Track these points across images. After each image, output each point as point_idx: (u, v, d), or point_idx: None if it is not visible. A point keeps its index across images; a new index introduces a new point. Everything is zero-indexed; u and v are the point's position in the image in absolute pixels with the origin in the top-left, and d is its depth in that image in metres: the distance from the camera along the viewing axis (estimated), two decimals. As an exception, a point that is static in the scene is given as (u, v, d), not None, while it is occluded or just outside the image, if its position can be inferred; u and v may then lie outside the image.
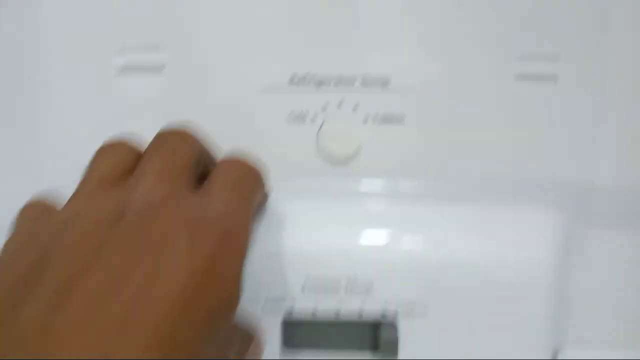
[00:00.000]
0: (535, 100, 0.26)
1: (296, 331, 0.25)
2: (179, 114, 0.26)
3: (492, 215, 0.26)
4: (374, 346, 0.25)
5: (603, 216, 0.27)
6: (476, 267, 0.25)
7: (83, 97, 0.26)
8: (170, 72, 0.26)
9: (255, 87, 0.26)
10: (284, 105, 0.26)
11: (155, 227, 0.18)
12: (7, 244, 0.19)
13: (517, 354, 0.25)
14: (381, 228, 0.26)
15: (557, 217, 0.27)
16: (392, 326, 0.24)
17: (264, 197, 0.24)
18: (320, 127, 0.26)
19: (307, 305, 0.24)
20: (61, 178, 0.26)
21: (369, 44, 0.26)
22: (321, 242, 0.25)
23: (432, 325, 0.25)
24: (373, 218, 0.26)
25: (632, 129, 0.27)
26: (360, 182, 0.26)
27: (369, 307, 0.24)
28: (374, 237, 0.25)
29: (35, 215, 0.20)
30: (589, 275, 0.27)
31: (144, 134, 0.26)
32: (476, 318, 0.25)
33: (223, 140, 0.26)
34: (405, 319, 0.25)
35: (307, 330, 0.25)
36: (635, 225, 0.27)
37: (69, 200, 0.20)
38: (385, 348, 0.24)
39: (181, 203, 0.19)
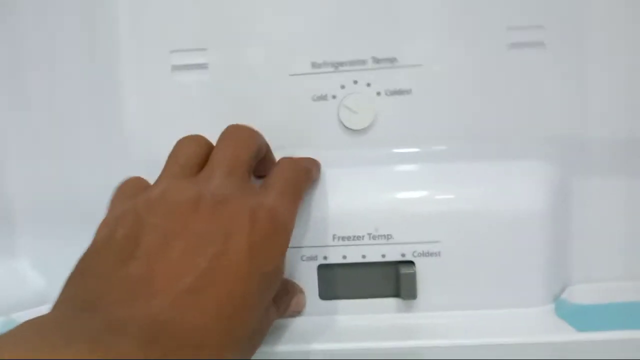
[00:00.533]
0: (528, 65, 0.30)
1: (330, 275, 0.30)
2: (222, 102, 0.31)
3: (493, 168, 0.30)
4: (397, 287, 0.30)
5: (595, 164, 0.31)
6: (481, 212, 0.29)
7: (145, 93, 0.32)
8: (213, 69, 0.31)
9: (283, 74, 0.30)
10: (309, 86, 0.30)
11: (226, 211, 0.23)
12: (108, 216, 0.24)
13: (523, 287, 0.29)
14: (396, 187, 0.30)
15: (553, 167, 0.30)
16: (410, 263, 0.29)
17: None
18: (341, 102, 0.30)
19: (338, 252, 0.30)
20: (132, 163, 0.31)
21: (376, 29, 0.30)
22: (346, 202, 0.30)
23: (445, 264, 0.29)
24: (389, 179, 0.30)
25: (614, 84, 0.30)
26: (376, 149, 0.31)
27: (390, 250, 0.29)
28: (390, 195, 0.30)
29: (129, 192, 0.25)
30: (587, 217, 0.31)
31: (196, 120, 0.31)
32: (484, 256, 0.29)
33: (260, 120, 0.31)
34: (421, 258, 0.29)
35: (340, 274, 0.30)
36: (623, 172, 0.31)
37: (157, 181, 0.25)
38: (405, 283, 0.29)
39: (245, 193, 0.24)
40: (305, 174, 0.28)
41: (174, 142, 0.31)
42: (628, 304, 0.29)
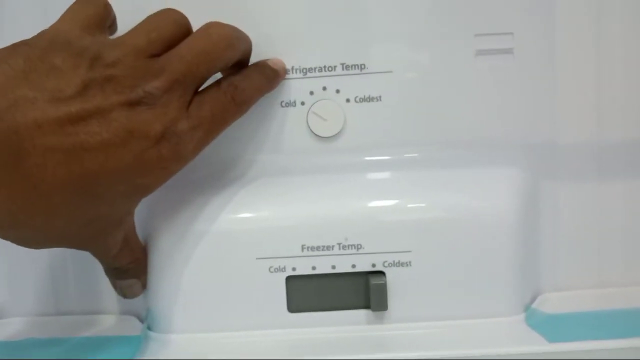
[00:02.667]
0: (496, 72, 0.29)
1: (299, 286, 0.29)
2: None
3: (464, 175, 0.30)
4: (367, 298, 0.29)
5: (565, 171, 0.31)
6: (452, 221, 0.29)
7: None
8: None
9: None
10: (277, 92, 0.30)
11: (136, 119, 0.23)
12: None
13: (494, 296, 0.29)
14: (367, 195, 0.29)
15: (523, 173, 0.30)
16: (381, 273, 0.29)
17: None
18: (310, 108, 0.30)
19: (307, 263, 0.29)
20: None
21: (345, 35, 0.29)
22: (315, 211, 0.29)
23: (416, 274, 0.28)
24: (359, 187, 0.30)
25: (583, 90, 0.30)
26: (346, 156, 0.30)
27: (361, 260, 0.29)
28: (361, 203, 0.29)
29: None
30: (557, 225, 0.31)
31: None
32: (455, 266, 0.29)
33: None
34: (392, 268, 0.29)
35: (309, 285, 0.29)
36: (594, 178, 0.31)
37: (54, 26, 0.25)
38: (376, 294, 0.28)
39: (167, 112, 0.24)
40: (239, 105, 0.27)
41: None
42: (599, 313, 0.29)
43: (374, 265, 0.29)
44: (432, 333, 0.28)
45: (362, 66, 0.29)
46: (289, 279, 0.29)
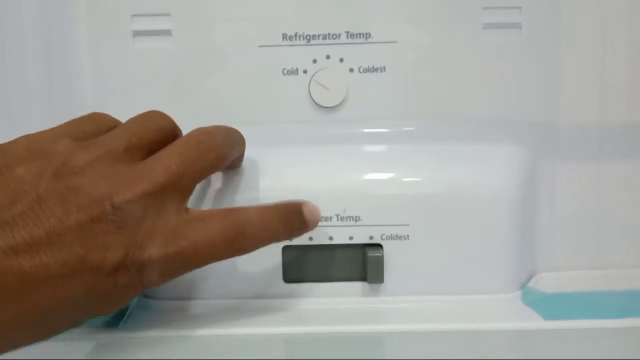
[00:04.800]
0: (502, 47, 0.29)
1: (295, 255, 0.29)
2: (185, 72, 0.29)
3: (464, 151, 0.29)
4: (364, 271, 0.29)
5: (565, 150, 0.30)
6: (451, 196, 0.28)
7: (103, 60, 0.30)
8: (177, 36, 0.29)
9: (252, 45, 0.29)
10: (279, 59, 0.29)
11: (91, 242, 0.20)
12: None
13: (490, 273, 0.29)
14: (367, 167, 0.29)
15: (524, 151, 0.30)
16: (378, 246, 0.28)
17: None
18: (312, 77, 0.29)
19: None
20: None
21: (351, 3, 0.29)
22: (314, 182, 0.28)
23: (414, 248, 0.28)
24: (360, 159, 0.29)
25: (589, 69, 0.30)
26: (348, 127, 0.30)
27: (358, 232, 0.28)
28: (361, 175, 0.29)
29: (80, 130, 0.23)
30: (556, 204, 0.30)
31: (157, 92, 0.30)
32: (452, 241, 0.28)
33: (226, 92, 0.30)
34: (390, 241, 0.28)
35: (305, 255, 0.29)
36: (594, 158, 0.30)
37: (42, 132, 0.23)
38: (372, 267, 0.28)
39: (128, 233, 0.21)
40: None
41: (131, 115, 0.30)
42: (595, 293, 0.29)
43: (371, 238, 0.28)
44: (427, 307, 0.28)
45: (367, 35, 0.29)
46: (285, 248, 0.28)
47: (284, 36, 0.29)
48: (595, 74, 0.30)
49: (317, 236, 0.28)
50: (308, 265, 0.29)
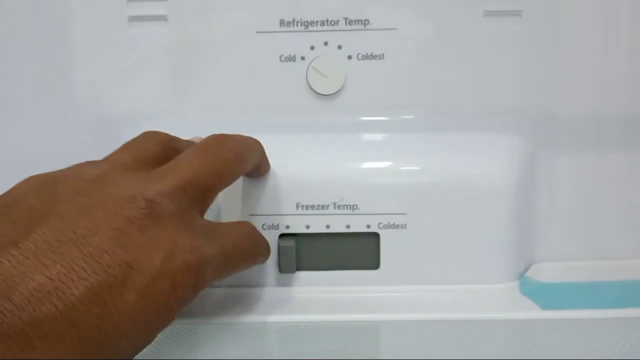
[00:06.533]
0: (503, 35, 0.29)
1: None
2: (181, 58, 0.29)
3: (463, 140, 0.29)
4: (361, 260, 0.29)
5: (564, 140, 0.30)
6: (449, 185, 0.28)
7: (98, 46, 0.29)
8: (173, 21, 0.29)
9: (249, 30, 0.29)
10: (276, 45, 0.29)
11: (150, 233, 0.18)
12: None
13: (488, 262, 0.29)
14: (365, 156, 0.29)
15: (522, 141, 0.30)
16: (375, 235, 0.28)
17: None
18: (310, 64, 0.29)
19: (301, 221, 0.28)
20: (79, 124, 0.29)
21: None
22: (311, 170, 0.28)
23: (411, 236, 0.28)
24: (358, 147, 0.29)
25: (589, 59, 0.29)
26: (345, 115, 0.29)
27: (355, 221, 0.28)
28: (358, 164, 0.29)
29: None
30: (554, 194, 0.30)
31: (153, 78, 0.29)
32: (449, 230, 0.28)
33: (223, 79, 0.29)
34: (387, 230, 0.28)
35: (301, 242, 0.28)
36: (593, 148, 0.30)
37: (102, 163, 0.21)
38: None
39: (185, 226, 0.20)
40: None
41: (126, 101, 0.29)
42: (593, 283, 0.29)
43: (368, 227, 0.28)
44: (424, 296, 0.28)
45: (366, 22, 0.28)
46: (281, 237, 0.28)
47: (282, 22, 0.28)
48: (596, 64, 0.29)
49: (314, 225, 0.28)
50: (304, 253, 0.28)
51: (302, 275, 0.29)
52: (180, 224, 0.19)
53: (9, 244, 0.17)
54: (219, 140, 0.23)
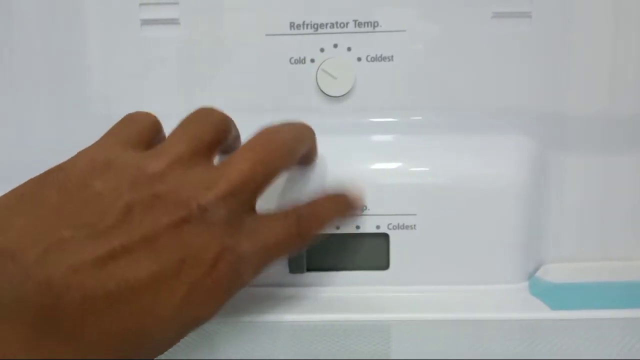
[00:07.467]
0: (512, 36, 0.29)
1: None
2: (192, 60, 0.29)
3: (472, 141, 0.29)
4: (369, 260, 0.29)
5: (574, 141, 0.30)
6: (458, 186, 0.28)
7: (111, 48, 0.30)
8: (185, 24, 0.29)
9: (259, 33, 0.29)
10: (286, 48, 0.29)
11: (186, 228, 0.20)
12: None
13: (498, 264, 0.29)
14: (374, 157, 0.29)
15: (532, 142, 0.30)
16: (384, 236, 0.28)
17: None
18: (319, 66, 0.29)
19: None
20: (94, 123, 0.29)
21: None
22: (321, 171, 0.28)
23: (420, 237, 0.28)
24: (367, 148, 0.29)
25: (599, 60, 0.29)
26: (355, 117, 0.29)
27: (365, 222, 0.28)
28: (367, 165, 0.29)
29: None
30: (563, 195, 0.30)
31: (164, 80, 0.29)
32: (459, 231, 0.28)
33: (233, 82, 0.30)
34: (397, 231, 0.28)
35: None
36: (603, 149, 0.30)
37: (166, 142, 0.23)
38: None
39: (222, 231, 0.21)
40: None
41: (139, 102, 0.30)
42: (602, 284, 0.29)
43: (378, 227, 0.28)
44: (434, 297, 0.28)
45: (376, 24, 0.29)
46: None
47: (291, 25, 0.29)
48: (605, 65, 0.29)
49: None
50: (314, 254, 0.29)
51: (312, 275, 0.29)
52: (228, 229, 0.21)
53: (80, 226, 0.19)
54: (269, 137, 0.24)
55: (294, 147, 0.25)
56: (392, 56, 0.29)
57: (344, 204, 0.26)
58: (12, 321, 0.17)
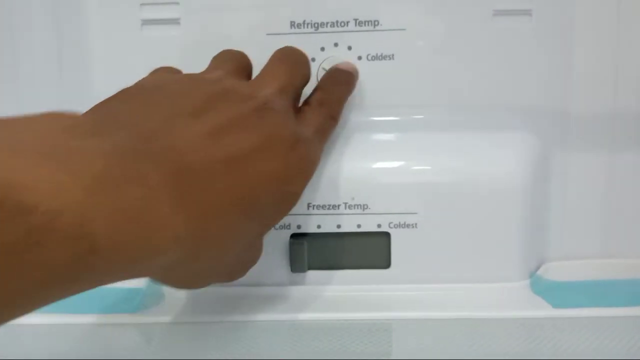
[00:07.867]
0: (512, 34, 0.29)
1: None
2: (194, 60, 0.29)
3: (474, 139, 0.29)
4: (371, 259, 0.29)
5: (576, 139, 0.30)
6: (460, 185, 0.28)
7: (113, 48, 0.30)
8: (186, 24, 0.29)
9: (260, 33, 0.29)
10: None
11: (272, 119, 0.23)
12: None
13: (499, 262, 0.29)
14: (375, 156, 0.29)
15: (533, 139, 0.30)
16: (386, 234, 0.28)
17: None
18: (320, 65, 0.29)
19: (312, 221, 0.28)
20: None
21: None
22: (322, 170, 0.28)
23: (422, 236, 0.28)
24: (368, 147, 0.29)
25: (600, 57, 0.29)
26: (355, 116, 0.29)
27: (366, 220, 0.28)
28: (369, 164, 0.29)
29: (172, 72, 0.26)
30: (565, 193, 0.30)
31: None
32: (461, 229, 0.28)
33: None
34: (398, 229, 0.28)
35: (313, 242, 0.29)
36: (605, 147, 0.30)
37: (208, 69, 0.26)
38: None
39: (290, 116, 0.24)
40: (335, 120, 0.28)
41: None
42: (604, 282, 0.29)
43: (379, 226, 0.28)
44: (436, 295, 0.28)
45: (376, 22, 0.29)
46: (293, 236, 0.28)
47: (292, 24, 0.29)
48: (607, 62, 0.29)
49: (325, 224, 0.28)
50: (315, 253, 0.29)
51: (314, 274, 0.29)
52: (286, 116, 0.24)
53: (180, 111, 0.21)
54: (290, 50, 0.27)
55: (307, 62, 0.28)
56: (392, 55, 0.29)
57: (347, 78, 0.29)
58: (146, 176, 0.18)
